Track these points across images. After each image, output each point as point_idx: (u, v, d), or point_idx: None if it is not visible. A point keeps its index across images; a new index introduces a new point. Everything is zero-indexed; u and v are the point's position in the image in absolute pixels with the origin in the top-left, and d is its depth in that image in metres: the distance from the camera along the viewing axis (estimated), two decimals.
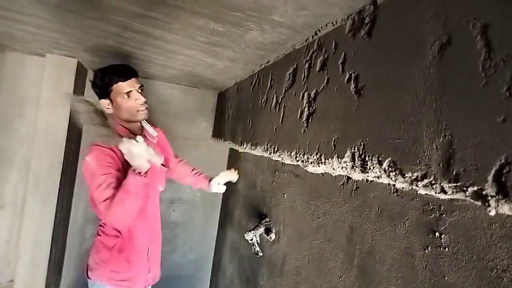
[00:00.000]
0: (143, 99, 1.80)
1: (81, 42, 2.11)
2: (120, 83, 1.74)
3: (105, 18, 1.59)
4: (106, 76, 1.75)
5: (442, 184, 0.71)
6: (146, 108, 1.83)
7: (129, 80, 1.77)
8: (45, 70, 2.61)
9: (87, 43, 2.11)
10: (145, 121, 1.90)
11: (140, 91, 1.81)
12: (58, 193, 2.64)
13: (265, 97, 1.96)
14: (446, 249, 0.80)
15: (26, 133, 2.78)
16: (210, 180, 2.29)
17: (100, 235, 1.88)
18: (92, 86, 1.82)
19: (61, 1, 1.45)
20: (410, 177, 0.81)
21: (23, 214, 2.64)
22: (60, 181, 2.64)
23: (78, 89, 2.80)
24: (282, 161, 1.77)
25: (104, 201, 1.54)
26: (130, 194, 1.52)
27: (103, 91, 1.77)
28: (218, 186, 2.27)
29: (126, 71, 1.79)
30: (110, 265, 1.81)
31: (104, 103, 1.79)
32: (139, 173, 1.52)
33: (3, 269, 2.79)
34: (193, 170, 2.37)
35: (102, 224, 1.88)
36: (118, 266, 1.82)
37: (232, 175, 2.30)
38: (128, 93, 1.76)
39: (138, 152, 1.47)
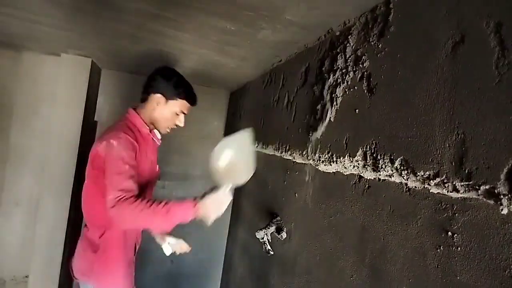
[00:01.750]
0: (182, 124, 1.84)
1: (96, 42, 2.15)
2: (185, 102, 1.78)
3: (120, 18, 1.62)
4: (183, 88, 1.77)
5: (454, 183, 0.71)
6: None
7: (192, 106, 1.83)
8: (60, 69, 2.66)
9: (101, 43, 2.15)
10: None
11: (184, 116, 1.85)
12: (72, 191, 2.70)
13: (277, 96, 1.97)
14: (459, 248, 0.80)
15: (42, 131, 2.83)
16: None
17: (88, 234, 1.80)
18: (163, 79, 1.76)
19: (78, 2, 1.49)
20: (422, 175, 0.81)
21: (37, 212, 2.69)
22: (74, 179, 2.70)
23: (92, 88, 2.85)
24: (294, 160, 1.78)
25: (122, 190, 1.47)
26: (170, 218, 1.47)
27: (169, 93, 1.74)
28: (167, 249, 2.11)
29: (196, 98, 1.84)
30: (96, 266, 1.73)
31: (157, 98, 1.74)
32: (197, 210, 1.50)
33: (19, 265, 2.86)
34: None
35: (90, 224, 1.81)
36: (105, 267, 1.74)
37: (181, 250, 2.12)
38: (181, 112, 1.80)
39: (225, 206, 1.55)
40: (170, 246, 2.08)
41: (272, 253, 1.91)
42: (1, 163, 2.83)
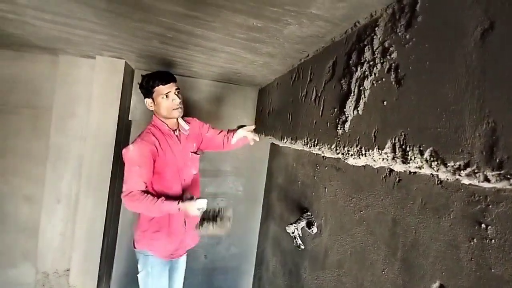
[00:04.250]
0: (178, 100, 2.09)
1: (128, 43, 2.23)
2: (160, 86, 2.05)
3: (150, 19, 1.67)
4: (150, 80, 2.06)
5: (485, 173, 0.69)
6: (181, 108, 2.11)
7: (168, 84, 2.06)
8: (95, 71, 2.77)
9: (134, 44, 2.23)
10: (180, 118, 2.20)
11: (176, 93, 2.10)
12: (109, 188, 2.81)
13: (304, 91, 1.97)
14: (493, 241, 0.78)
15: (79, 131, 2.95)
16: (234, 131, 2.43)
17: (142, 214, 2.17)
18: (140, 87, 2.13)
19: (110, 5, 1.55)
20: (452, 166, 0.79)
21: (77, 208, 2.83)
22: (111, 176, 2.81)
23: (126, 88, 2.95)
24: (323, 155, 1.77)
25: (129, 186, 1.92)
26: (161, 212, 1.95)
27: (147, 92, 2.09)
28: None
29: (166, 76, 2.08)
30: (148, 234, 2.11)
31: (148, 102, 2.11)
32: (179, 209, 1.90)
33: (60, 259, 3.00)
34: (224, 135, 2.47)
35: None
36: (155, 237, 2.11)
37: (249, 133, 2.39)
38: (166, 94, 2.05)
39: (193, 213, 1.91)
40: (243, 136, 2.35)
41: (303, 247, 1.92)
42: (42, 162, 2.98)
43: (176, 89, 2.09)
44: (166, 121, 2.12)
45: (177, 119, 2.17)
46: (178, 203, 1.90)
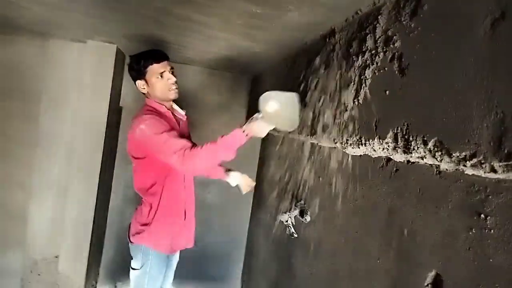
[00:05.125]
0: (174, 79, 1.97)
1: (121, 28, 2.18)
2: (154, 64, 1.92)
3: (146, 3, 1.62)
4: (142, 59, 1.93)
5: (492, 163, 0.70)
6: (176, 88, 1.99)
7: (162, 62, 1.94)
8: (86, 56, 2.72)
9: (127, 29, 2.18)
10: (173, 103, 2.09)
11: (171, 72, 1.98)
12: (99, 175, 2.77)
13: (301, 79, 1.95)
14: (492, 231, 0.78)
15: (70, 117, 2.89)
16: (227, 171, 2.41)
17: (142, 203, 2.06)
18: (129, 69, 2.02)
19: None
20: (457, 156, 0.79)
21: (67, 195, 2.79)
22: (101, 163, 2.77)
23: (117, 74, 2.90)
24: (319, 143, 1.77)
25: (178, 150, 1.70)
26: (229, 148, 1.73)
27: (139, 73, 1.94)
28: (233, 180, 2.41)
29: (159, 54, 1.97)
30: (151, 228, 1.97)
31: (140, 84, 1.97)
32: (247, 134, 1.73)
33: (49, 246, 2.96)
34: None
35: (145, 193, 2.02)
36: (158, 229, 1.98)
37: (245, 185, 2.41)
38: (161, 74, 1.93)
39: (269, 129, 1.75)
40: (235, 178, 2.38)
41: (295, 236, 1.93)
42: (32, 148, 2.92)
43: (170, 68, 1.98)
44: (162, 103, 1.99)
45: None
46: (241, 127, 1.73)
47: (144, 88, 1.97)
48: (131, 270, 2.04)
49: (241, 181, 2.39)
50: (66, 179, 2.87)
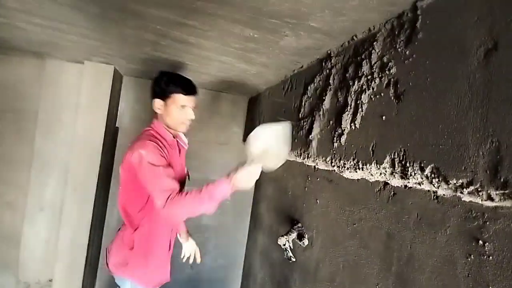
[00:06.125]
0: (193, 116, 1.89)
1: (119, 49, 2.19)
2: (182, 95, 1.82)
3: (144, 26, 1.65)
4: (172, 83, 1.83)
5: (489, 191, 0.70)
6: (189, 125, 1.92)
7: (189, 96, 1.86)
8: (83, 76, 2.72)
9: (125, 50, 2.19)
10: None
11: (193, 109, 1.90)
12: (95, 197, 2.74)
13: (298, 101, 1.97)
14: (490, 257, 0.78)
15: (65, 138, 2.87)
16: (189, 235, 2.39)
17: (123, 229, 1.96)
18: (154, 84, 1.88)
19: (103, 10, 1.52)
20: (454, 184, 0.80)
21: (61, 217, 2.74)
22: (97, 184, 2.74)
23: (115, 94, 2.90)
24: (316, 166, 1.77)
25: (165, 190, 1.61)
26: (213, 199, 1.60)
27: (163, 93, 1.83)
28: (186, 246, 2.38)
29: (192, 88, 1.88)
30: (135, 260, 1.86)
31: (157, 103, 1.85)
32: (233, 188, 1.62)
33: (43, 269, 2.90)
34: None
35: (126, 223, 1.92)
36: (141, 260, 1.87)
37: (196, 255, 2.39)
38: (183, 106, 1.84)
39: (256, 178, 1.65)
40: (189, 246, 2.34)
41: (293, 260, 1.91)
42: (26, 169, 2.89)
43: (194, 105, 1.90)
44: (169, 130, 1.89)
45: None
46: (228, 177, 1.62)
47: (159, 109, 1.86)
48: None
49: (192, 252, 2.38)
50: (60, 200, 2.84)
